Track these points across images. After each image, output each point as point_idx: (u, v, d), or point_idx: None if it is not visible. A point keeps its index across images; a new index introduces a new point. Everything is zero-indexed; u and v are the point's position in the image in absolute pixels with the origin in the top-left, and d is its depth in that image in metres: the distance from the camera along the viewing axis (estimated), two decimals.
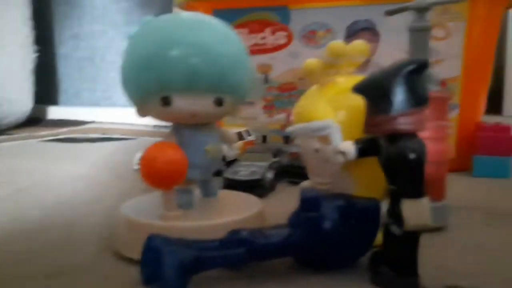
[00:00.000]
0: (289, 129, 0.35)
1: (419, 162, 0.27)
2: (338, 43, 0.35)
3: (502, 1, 0.68)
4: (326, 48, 0.35)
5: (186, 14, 0.36)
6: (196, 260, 0.27)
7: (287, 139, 0.76)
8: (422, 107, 0.27)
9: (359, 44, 0.35)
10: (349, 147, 0.30)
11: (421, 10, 0.42)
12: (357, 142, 0.31)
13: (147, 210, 0.37)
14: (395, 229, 0.28)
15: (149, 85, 0.34)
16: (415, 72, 0.27)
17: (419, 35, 0.42)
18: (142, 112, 0.36)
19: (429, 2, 0.42)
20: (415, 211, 0.27)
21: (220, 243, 0.29)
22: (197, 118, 0.35)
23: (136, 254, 0.29)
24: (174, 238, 0.28)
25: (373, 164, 0.30)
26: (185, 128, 0.36)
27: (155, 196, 0.39)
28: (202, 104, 0.35)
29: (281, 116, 0.79)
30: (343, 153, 0.31)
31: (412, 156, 0.27)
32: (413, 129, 0.28)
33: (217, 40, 0.34)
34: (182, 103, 0.34)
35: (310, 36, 0.75)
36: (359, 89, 0.29)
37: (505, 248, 0.37)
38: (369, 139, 0.30)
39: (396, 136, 0.28)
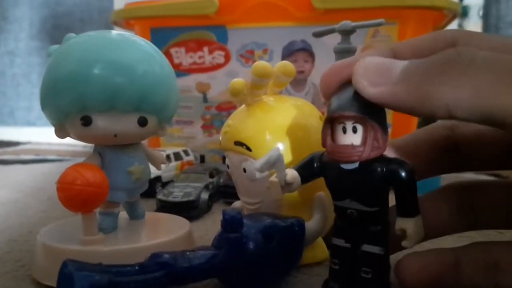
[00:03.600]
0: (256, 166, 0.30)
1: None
2: (263, 64, 0.35)
3: (429, 23, 0.72)
4: (251, 68, 0.35)
5: (110, 33, 0.36)
6: (110, 285, 0.26)
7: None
8: None
9: (284, 65, 0.36)
10: (295, 176, 0.29)
11: (346, 33, 0.44)
12: (298, 169, 0.29)
13: (68, 234, 0.35)
14: (377, 250, 0.27)
15: (69, 104, 0.33)
16: None
17: (344, 56, 0.44)
18: (61, 133, 0.35)
19: (353, 25, 0.43)
20: (419, 226, 0.26)
21: (140, 267, 0.28)
22: (119, 139, 0.34)
23: (53, 281, 0.28)
24: (90, 263, 0.27)
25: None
26: (108, 149, 0.35)
27: (79, 220, 0.37)
28: (124, 124, 0.34)
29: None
30: (289, 184, 0.29)
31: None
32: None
33: (140, 59, 0.34)
34: (103, 123, 0.33)
35: (248, 56, 0.76)
36: None
37: None
38: (305, 164, 0.29)
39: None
